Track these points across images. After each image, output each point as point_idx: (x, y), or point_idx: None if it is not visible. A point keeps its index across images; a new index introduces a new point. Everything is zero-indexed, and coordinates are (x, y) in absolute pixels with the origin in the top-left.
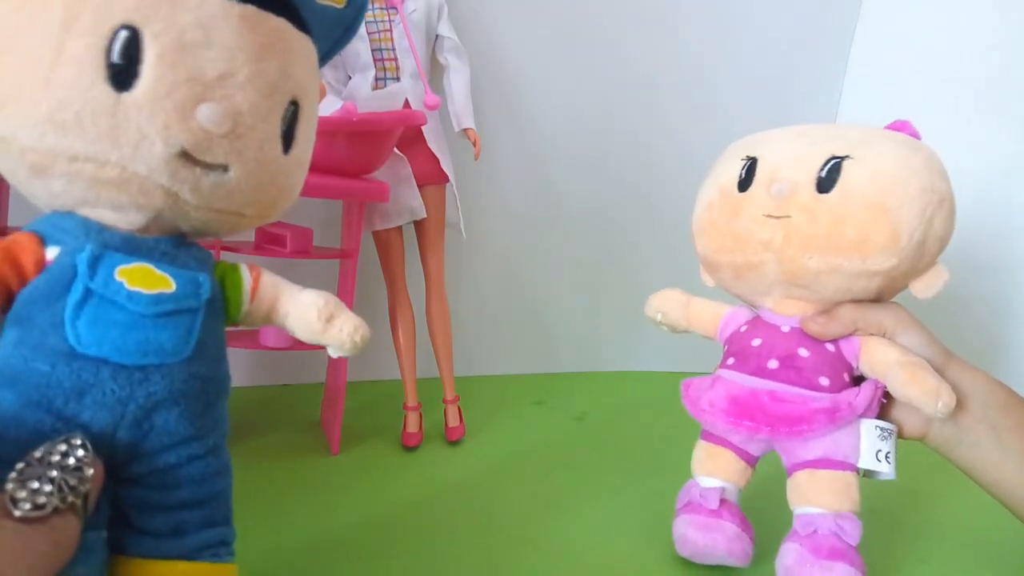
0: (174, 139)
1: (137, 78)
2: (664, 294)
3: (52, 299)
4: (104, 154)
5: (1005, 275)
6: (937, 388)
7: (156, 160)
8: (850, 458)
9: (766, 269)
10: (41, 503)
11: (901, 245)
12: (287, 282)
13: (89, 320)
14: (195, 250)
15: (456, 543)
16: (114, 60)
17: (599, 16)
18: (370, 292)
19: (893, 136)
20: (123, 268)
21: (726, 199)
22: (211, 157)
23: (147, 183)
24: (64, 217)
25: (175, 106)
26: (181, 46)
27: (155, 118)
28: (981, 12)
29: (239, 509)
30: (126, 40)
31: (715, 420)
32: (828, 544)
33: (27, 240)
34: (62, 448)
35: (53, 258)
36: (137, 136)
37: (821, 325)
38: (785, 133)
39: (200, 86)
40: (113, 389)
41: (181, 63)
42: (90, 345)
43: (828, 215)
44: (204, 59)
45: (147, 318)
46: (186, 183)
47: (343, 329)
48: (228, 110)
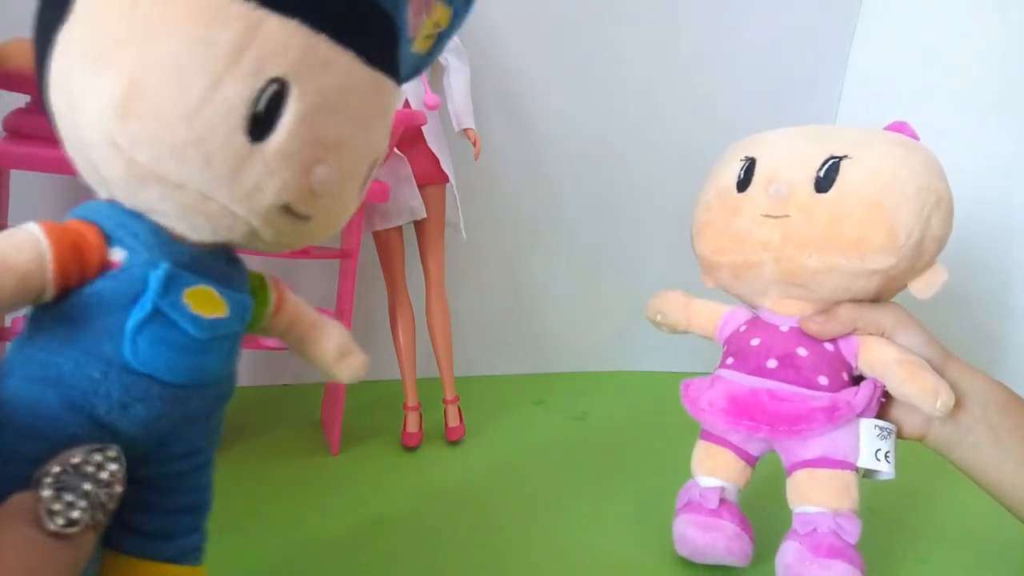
0: (285, 195)
1: (271, 132)
2: (664, 295)
3: (115, 308)
4: (214, 193)
5: (1005, 275)
6: (936, 387)
7: (260, 209)
8: (849, 457)
9: (764, 269)
10: (74, 519)
11: (899, 244)
12: (305, 304)
13: (149, 338)
14: (242, 268)
15: (456, 543)
16: (259, 111)
17: (599, 17)
18: (370, 292)
19: (891, 137)
20: (190, 290)
21: (725, 199)
22: (304, 210)
23: (239, 221)
24: (132, 217)
25: (298, 165)
26: (320, 109)
27: (277, 174)
28: (981, 12)
29: (239, 509)
30: (274, 94)
31: (714, 419)
32: (827, 542)
33: (94, 237)
34: (98, 459)
35: (119, 262)
36: (253, 186)
37: (820, 324)
38: (784, 133)
39: (322, 149)
40: (156, 405)
41: (315, 124)
42: (145, 363)
43: (826, 214)
44: (332, 122)
45: (202, 342)
46: (272, 226)
47: (352, 365)
48: (338, 171)
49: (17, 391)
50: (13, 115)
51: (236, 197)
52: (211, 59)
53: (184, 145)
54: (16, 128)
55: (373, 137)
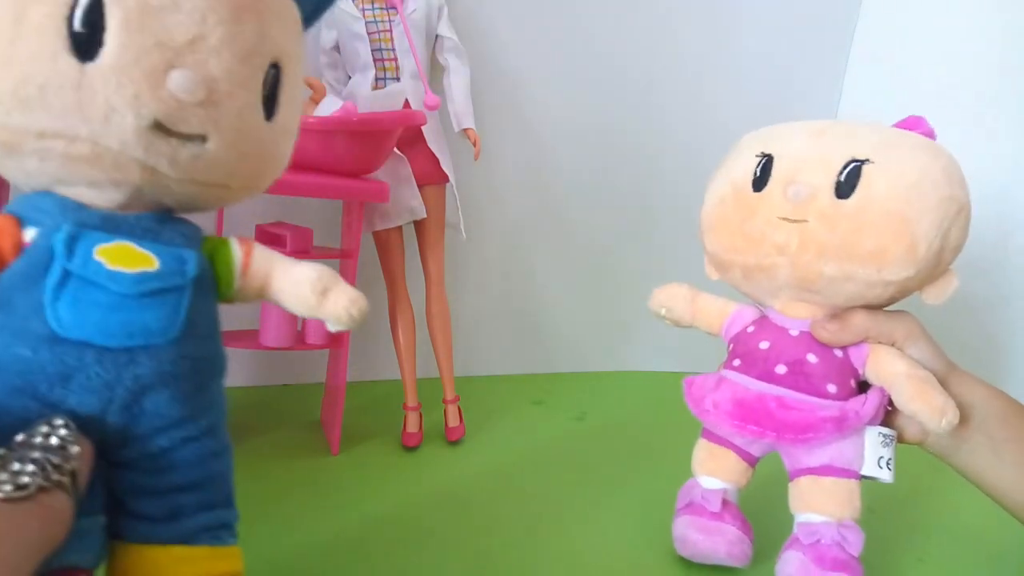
0: (145, 110)
1: (101, 47)
2: (669, 289)
3: (31, 282)
4: (73, 129)
5: (1005, 275)
6: (943, 406)
7: (128, 133)
8: (853, 465)
9: (778, 272)
10: (24, 483)
11: (919, 256)
12: (280, 256)
13: (69, 302)
14: (181, 225)
15: (456, 543)
16: (76, 28)
17: (599, 16)
18: (370, 292)
19: (913, 139)
20: (102, 247)
21: (740, 198)
22: (186, 127)
23: (121, 158)
24: (41, 197)
25: (144, 74)
26: (146, 10)
27: (123, 89)
28: (981, 12)
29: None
30: (88, 6)
31: (719, 422)
32: (831, 555)
33: (4, 222)
34: (43, 430)
35: (31, 240)
36: (105, 108)
37: (832, 334)
38: (801, 130)
39: (169, 52)
40: (98, 372)
41: (147, 28)
42: (72, 328)
43: (846, 223)
44: (172, 23)
45: (130, 298)
46: (162, 156)
47: (338, 302)
48: (201, 76)
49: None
50: None
51: (96, 127)
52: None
53: (15, 87)
54: None
55: (244, 33)
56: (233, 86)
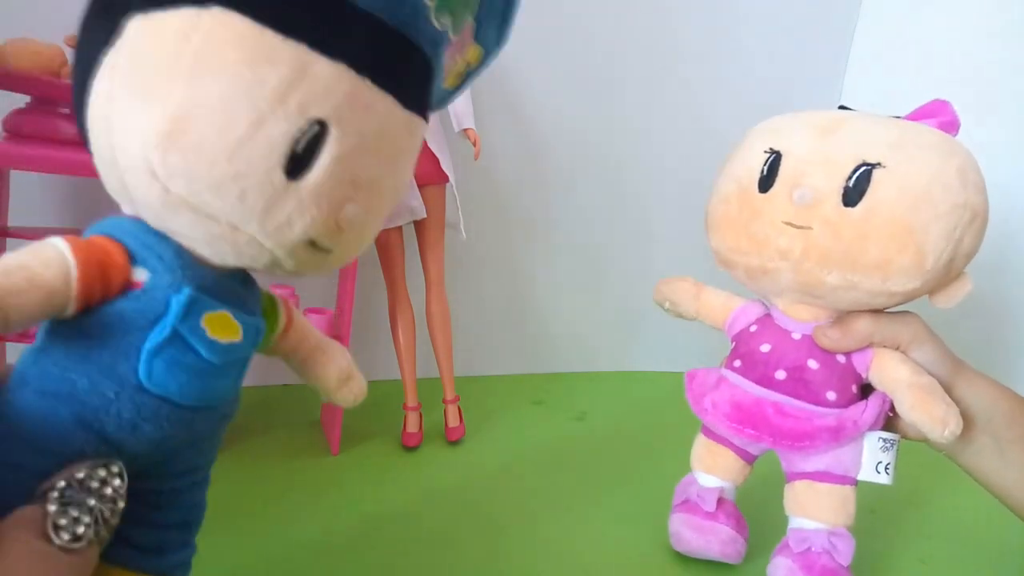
0: (313, 231)
1: (307, 170)
2: (673, 283)
3: (134, 328)
4: (244, 225)
5: (1005, 275)
6: (944, 416)
7: (287, 242)
8: (850, 472)
9: (781, 276)
10: (80, 534)
11: (926, 269)
12: (312, 328)
13: (165, 361)
14: (256, 289)
15: (456, 542)
16: (298, 151)
17: (599, 17)
18: (370, 292)
19: (928, 138)
20: (208, 315)
21: (745, 198)
22: (328, 245)
23: (264, 251)
24: (157, 239)
25: (329, 203)
26: (357, 150)
27: (308, 210)
28: (980, 12)
29: (239, 509)
30: (314, 136)
31: (717, 422)
32: (820, 563)
33: (119, 256)
34: (102, 475)
35: (142, 282)
36: (284, 221)
37: (835, 341)
38: (812, 124)
39: (353, 188)
40: (164, 426)
41: (349, 164)
42: (159, 385)
43: (852, 232)
44: (367, 163)
45: (215, 366)
46: (295, 258)
47: (352, 391)
48: (366, 213)
49: (30, 404)
50: (13, 115)
51: (266, 231)
52: (258, 99)
53: (222, 180)
54: (16, 128)
55: (401, 176)
56: (378, 218)
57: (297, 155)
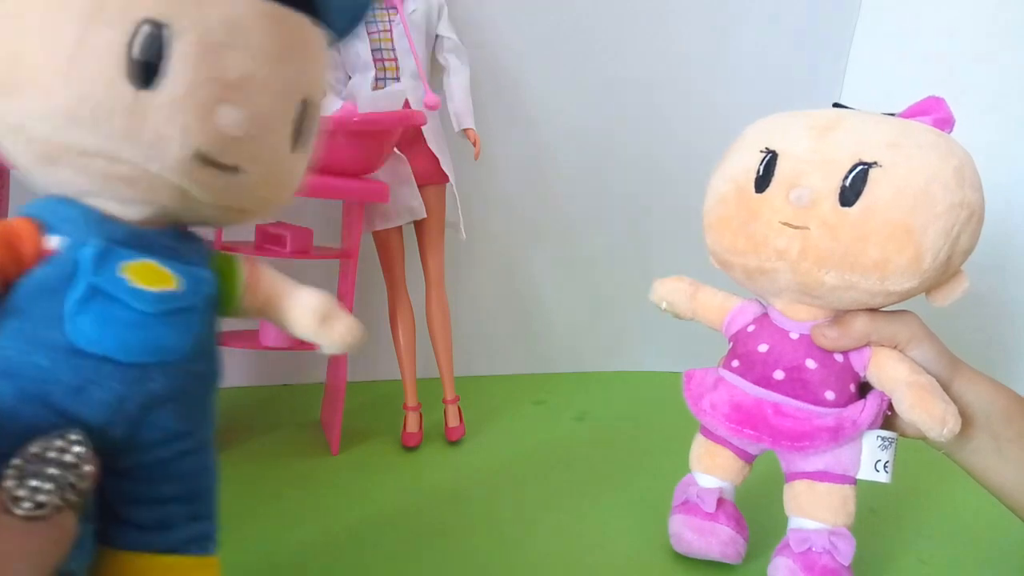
0: (192, 141)
1: (158, 76)
2: (670, 283)
3: (52, 292)
4: (118, 151)
5: (1005, 274)
6: (943, 415)
7: (171, 160)
8: (849, 471)
9: (778, 276)
10: (42, 502)
11: (924, 268)
12: (283, 278)
13: (92, 317)
14: (197, 243)
15: (456, 542)
16: (136, 56)
17: (599, 15)
18: (370, 292)
19: (925, 136)
20: (127, 264)
21: (742, 198)
22: (226, 159)
23: (158, 181)
24: (65, 204)
25: (196, 108)
26: (206, 45)
27: (174, 119)
28: (980, 12)
29: (240, 509)
30: (149, 36)
31: (716, 423)
32: (821, 563)
33: (26, 227)
34: (59, 444)
35: (54, 248)
36: (154, 136)
37: (832, 341)
38: (808, 124)
39: (221, 87)
40: (113, 386)
41: (205, 63)
42: (92, 343)
43: (849, 232)
44: (228, 59)
45: (151, 316)
46: (197, 183)
47: (336, 329)
48: (247, 113)
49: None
50: None
51: (142, 152)
52: (73, 10)
53: (69, 105)
54: None
55: (288, 74)
56: (271, 123)
57: (141, 62)
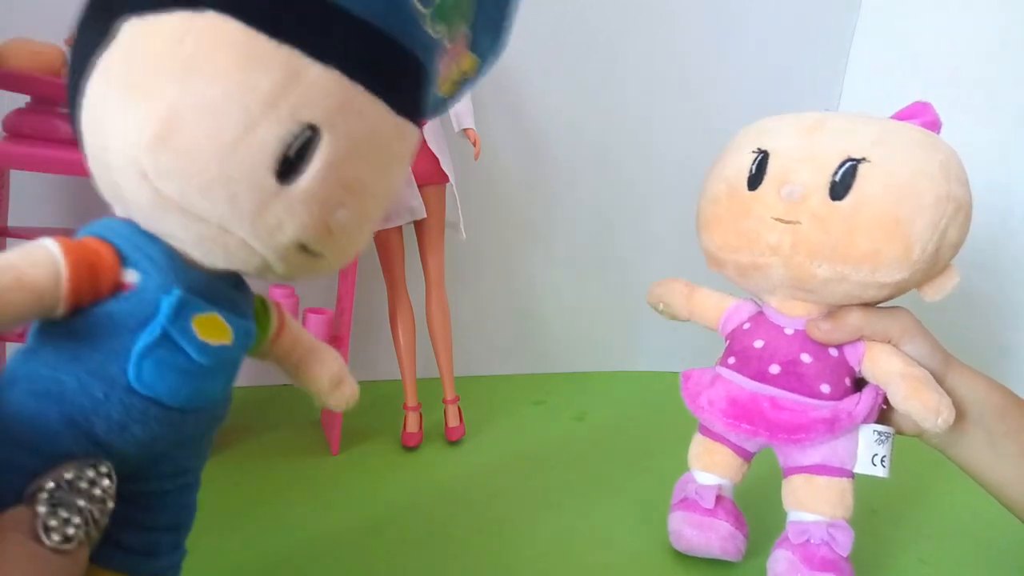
0: (304, 234)
1: (298, 175)
2: (666, 284)
3: (124, 330)
4: (234, 228)
5: (1005, 274)
6: (937, 405)
7: (278, 246)
8: (847, 464)
9: (772, 271)
10: (70, 535)
11: (913, 259)
12: (303, 331)
13: (155, 362)
14: (248, 292)
15: (456, 542)
16: (290, 155)
17: (599, 15)
18: (370, 292)
19: (911, 134)
20: (198, 317)
21: (734, 196)
22: (319, 249)
23: (254, 255)
24: (148, 240)
25: (320, 207)
26: (348, 155)
27: (299, 215)
28: (980, 12)
29: (239, 509)
30: (305, 140)
31: (713, 419)
32: (820, 554)
33: (109, 257)
34: (91, 475)
35: (132, 284)
36: (275, 225)
37: (826, 333)
38: (798, 124)
39: (345, 193)
40: (153, 427)
41: (341, 167)
42: (148, 386)
43: (840, 225)
44: (358, 168)
45: (206, 368)
46: (285, 261)
47: (344, 393)
48: (357, 217)
49: (19, 404)
50: (13, 115)
51: (256, 234)
52: (250, 103)
53: (213, 182)
54: (16, 128)
55: (393, 181)
56: (370, 223)
57: (289, 159)
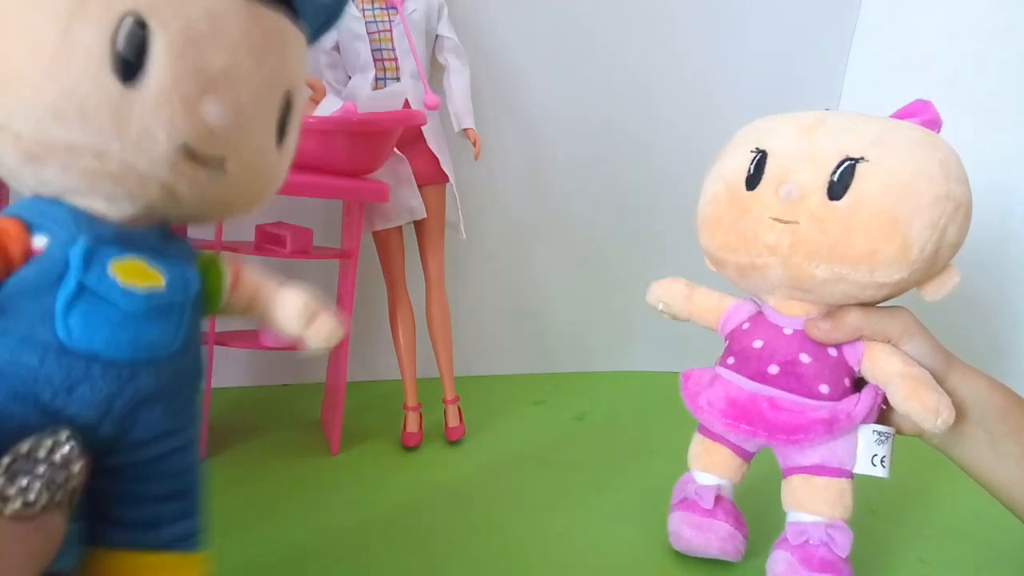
0: (177, 134)
1: (142, 70)
2: (666, 284)
3: (41, 291)
4: (105, 146)
5: (1005, 273)
6: (937, 405)
7: (158, 154)
8: (846, 464)
9: (770, 271)
10: (31, 501)
11: (911, 259)
12: (268, 276)
13: (81, 315)
14: (181, 244)
15: (456, 542)
16: (120, 50)
17: (599, 15)
18: (370, 292)
19: (910, 133)
20: (116, 263)
21: (733, 196)
22: (211, 151)
23: (145, 177)
24: (51, 204)
25: (181, 100)
26: (188, 38)
27: (160, 112)
28: (980, 12)
29: (239, 509)
30: (132, 29)
31: (712, 419)
32: (819, 555)
33: (13, 227)
34: (48, 443)
35: (42, 248)
36: (140, 130)
37: (825, 332)
38: (796, 123)
39: (205, 80)
40: (102, 385)
41: (187, 56)
42: (81, 341)
43: (838, 225)
44: (210, 52)
45: (139, 314)
46: (184, 177)
47: (320, 331)
48: (232, 105)
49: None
50: None
51: (128, 147)
52: (55, 6)
53: (55, 101)
54: None
55: (270, 70)
56: (256, 115)
57: (125, 57)
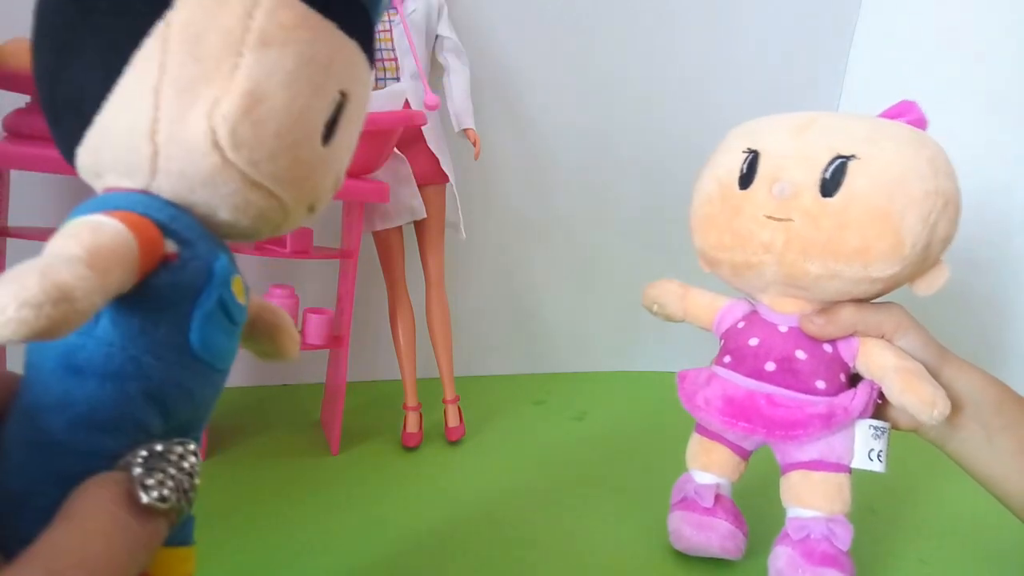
0: (320, 195)
1: (332, 137)
2: (660, 285)
3: (183, 299)
4: (283, 192)
5: (1005, 273)
6: (932, 397)
7: (303, 205)
8: (844, 459)
9: (765, 270)
10: (165, 496)
11: (904, 254)
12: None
13: (212, 327)
14: None
15: (456, 543)
16: (329, 119)
17: (599, 15)
18: (370, 292)
19: (898, 132)
20: (235, 279)
21: (726, 196)
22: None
23: (279, 214)
24: (177, 210)
25: (334, 171)
26: (358, 116)
27: (328, 176)
28: (980, 11)
29: (239, 509)
30: (339, 104)
31: (710, 418)
32: (820, 549)
33: (155, 231)
34: (179, 450)
35: (177, 255)
36: (312, 186)
37: (819, 327)
38: (787, 124)
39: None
40: (208, 392)
41: (351, 133)
42: (207, 351)
43: (831, 221)
44: (355, 128)
45: (237, 328)
46: (296, 221)
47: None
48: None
49: (98, 388)
50: (13, 115)
51: (295, 196)
52: (314, 72)
53: (282, 149)
54: (16, 128)
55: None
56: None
57: (329, 124)
